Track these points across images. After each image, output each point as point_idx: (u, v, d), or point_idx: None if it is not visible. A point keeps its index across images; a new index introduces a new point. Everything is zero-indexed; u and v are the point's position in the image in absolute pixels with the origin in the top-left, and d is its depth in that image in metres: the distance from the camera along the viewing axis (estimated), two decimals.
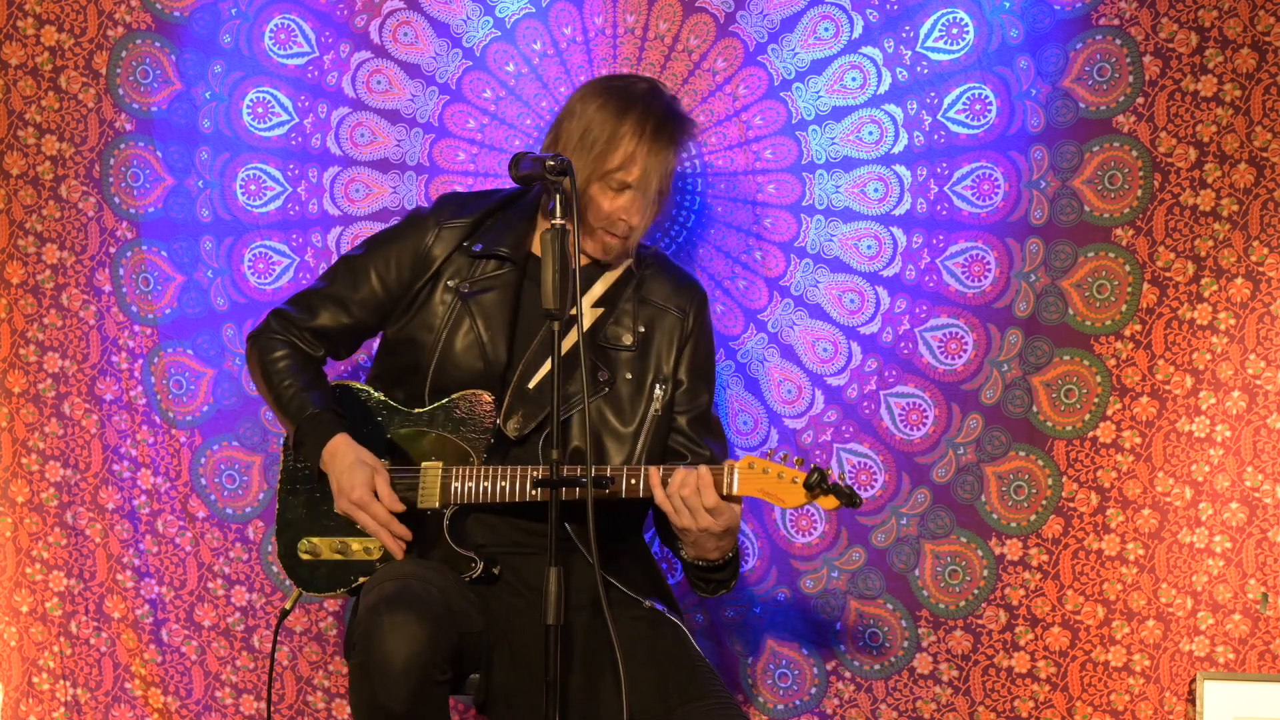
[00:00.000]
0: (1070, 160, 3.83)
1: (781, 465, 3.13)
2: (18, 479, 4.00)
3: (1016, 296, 3.86)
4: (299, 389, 3.35)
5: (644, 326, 3.41)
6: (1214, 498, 3.82)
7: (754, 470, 3.14)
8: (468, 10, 3.96)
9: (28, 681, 4.01)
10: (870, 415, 3.91)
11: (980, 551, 3.88)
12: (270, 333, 3.43)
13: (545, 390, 3.30)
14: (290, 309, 3.45)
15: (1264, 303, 3.80)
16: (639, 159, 3.29)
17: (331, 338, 3.45)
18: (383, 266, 3.42)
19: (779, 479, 3.13)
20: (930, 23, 3.87)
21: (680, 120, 3.37)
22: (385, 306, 3.42)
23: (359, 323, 3.44)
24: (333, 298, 3.43)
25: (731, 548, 3.24)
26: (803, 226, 3.93)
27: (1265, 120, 3.79)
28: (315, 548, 3.34)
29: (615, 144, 3.29)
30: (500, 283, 3.38)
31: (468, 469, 3.26)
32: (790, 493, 3.13)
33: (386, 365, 3.43)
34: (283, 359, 3.39)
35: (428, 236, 3.41)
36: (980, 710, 3.89)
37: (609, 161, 3.28)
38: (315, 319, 3.43)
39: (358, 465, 3.25)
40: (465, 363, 3.34)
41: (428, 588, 3.08)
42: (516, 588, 3.28)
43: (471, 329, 3.35)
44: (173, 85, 3.98)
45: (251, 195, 4.00)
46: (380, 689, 2.96)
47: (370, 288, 3.42)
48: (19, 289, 4.00)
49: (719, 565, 3.26)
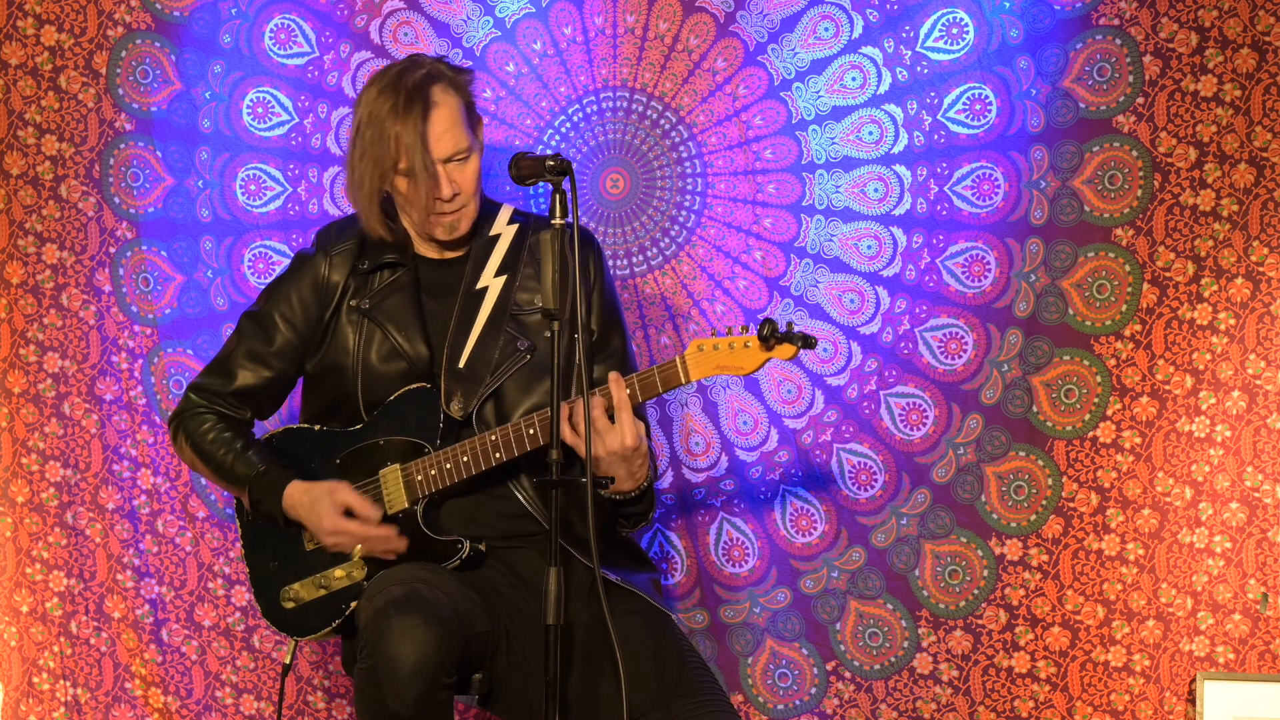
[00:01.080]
0: (1070, 160, 3.83)
1: (729, 337, 3.14)
2: (18, 479, 4.00)
3: (1016, 296, 3.86)
4: (237, 453, 3.36)
5: None
6: (1214, 498, 3.82)
7: (703, 352, 3.15)
8: (468, 10, 3.96)
9: (28, 681, 4.01)
10: (870, 415, 3.91)
11: (980, 551, 3.88)
12: (194, 409, 3.43)
13: (476, 365, 3.31)
14: (206, 380, 3.46)
15: (1264, 303, 3.80)
16: (407, 142, 3.23)
17: (255, 396, 3.44)
18: (287, 310, 3.42)
19: (730, 349, 3.14)
20: (930, 23, 3.87)
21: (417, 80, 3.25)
22: (300, 349, 3.42)
23: (280, 373, 3.44)
24: (248, 355, 3.43)
25: (645, 474, 3.24)
26: (803, 226, 3.93)
27: (1265, 120, 3.79)
28: (297, 593, 3.34)
29: (387, 142, 3.25)
30: (396, 286, 3.40)
31: (425, 460, 3.27)
32: (747, 357, 3.13)
33: (315, 401, 3.44)
34: (210, 429, 3.40)
35: (321, 268, 3.41)
36: (980, 710, 3.89)
37: (396, 161, 3.26)
38: (235, 381, 3.43)
39: (318, 500, 3.26)
40: (389, 370, 3.35)
41: (434, 591, 3.08)
42: (513, 583, 3.28)
43: (385, 338, 3.36)
44: (173, 85, 3.98)
45: (251, 195, 4.00)
46: (388, 693, 2.96)
47: (282, 334, 3.41)
48: (19, 289, 4.00)
49: (635, 497, 3.26)
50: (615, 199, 3.97)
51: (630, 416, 3.15)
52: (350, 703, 3.99)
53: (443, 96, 3.29)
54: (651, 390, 3.19)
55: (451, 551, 3.26)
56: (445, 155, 3.29)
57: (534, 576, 3.17)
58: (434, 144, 3.26)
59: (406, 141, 3.24)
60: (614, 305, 3.48)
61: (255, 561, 3.40)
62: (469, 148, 3.31)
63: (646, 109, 3.95)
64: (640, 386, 3.19)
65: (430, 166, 3.26)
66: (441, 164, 3.28)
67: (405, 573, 3.18)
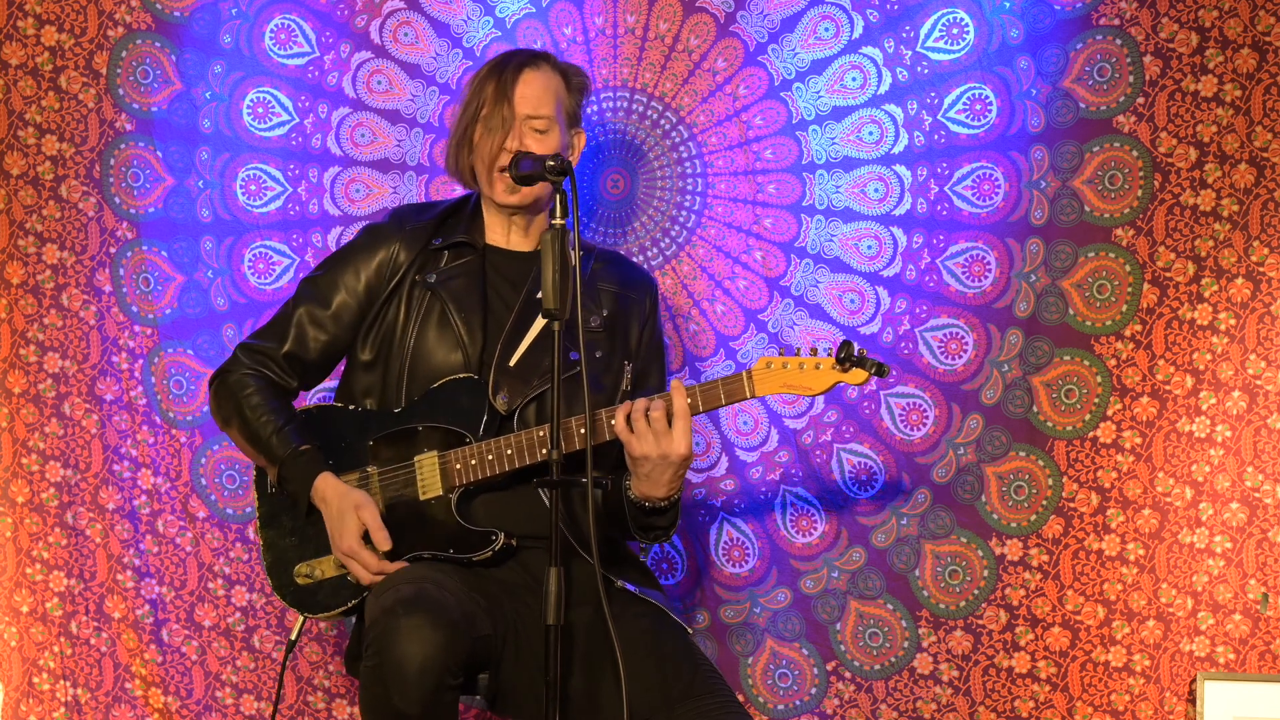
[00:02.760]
0: (1070, 160, 3.83)
1: (799, 356, 3.14)
2: (18, 479, 4.00)
3: (1017, 297, 3.86)
4: (276, 427, 3.32)
5: (608, 309, 3.43)
6: (1214, 498, 3.82)
7: (771, 369, 3.15)
8: (468, 10, 3.96)
9: (28, 681, 4.01)
10: (870, 415, 3.91)
11: (980, 552, 3.88)
12: (241, 368, 3.39)
13: (527, 367, 3.31)
14: (258, 341, 3.43)
15: (1264, 303, 3.80)
16: (492, 94, 3.33)
17: (305, 361, 3.41)
18: (351, 279, 3.40)
19: (800, 369, 3.14)
20: (930, 23, 3.87)
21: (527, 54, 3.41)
22: (357, 318, 3.40)
23: (334, 339, 3.41)
24: (304, 318, 3.41)
25: (679, 488, 3.24)
26: (803, 226, 3.93)
27: (1265, 120, 3.79)
28: (313, 569, 3.32)
29: (478, 91, 3.36)
30: (465, 270, 3.40)
31: (467, 449, 3.26)
32: (816, 378, 3.13)
33: (356, 380, 3.42)
34: (256, 394, 3.36)
35: (392, 245, 3.41)
36: (980, 710, 3.89)
37: (480, 107, 3.34)
38: (287, 344, 3.40)
39: (345, 514, 3.24)
40: (441, 353, 3.35)
41: (443, 592, 3.07)
42: (526, 584, 3.27)
43: (445, 316, 3.35)
44: (173, 85, 3.98)
45: (252, 195, 4.00)
46: (394, 692, 2.96)
47: (342, 299, 3.40)
48: (19, 289, 4.00)
49: (663, 508, 3.25)
50: (615, 199, 3.97)
51: (687, 425, 3.15)
52: (350, 702, 3.99)
53: (543, 66, 3.39)
54: (714, 402, 3.20)
55: (484, 543, 3.24)
56: (525, 113, 3.34)
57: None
58: (517, 98, 3.34)
59: (490, 90, 3.34)
60: (659, 346, 3.51)
61: (270, 535, 3.37)
62: (551, 118, 3.36)
63: (647, 109, 3.95)
64: (703, 398, 3.19)
65: (506, 115, 3.33)
66: (519, 120, 3.34)
67: (414, 571, 3.17)
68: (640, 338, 3.46)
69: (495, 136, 3.33)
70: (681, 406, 3.15)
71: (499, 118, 3.32)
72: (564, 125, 3.38)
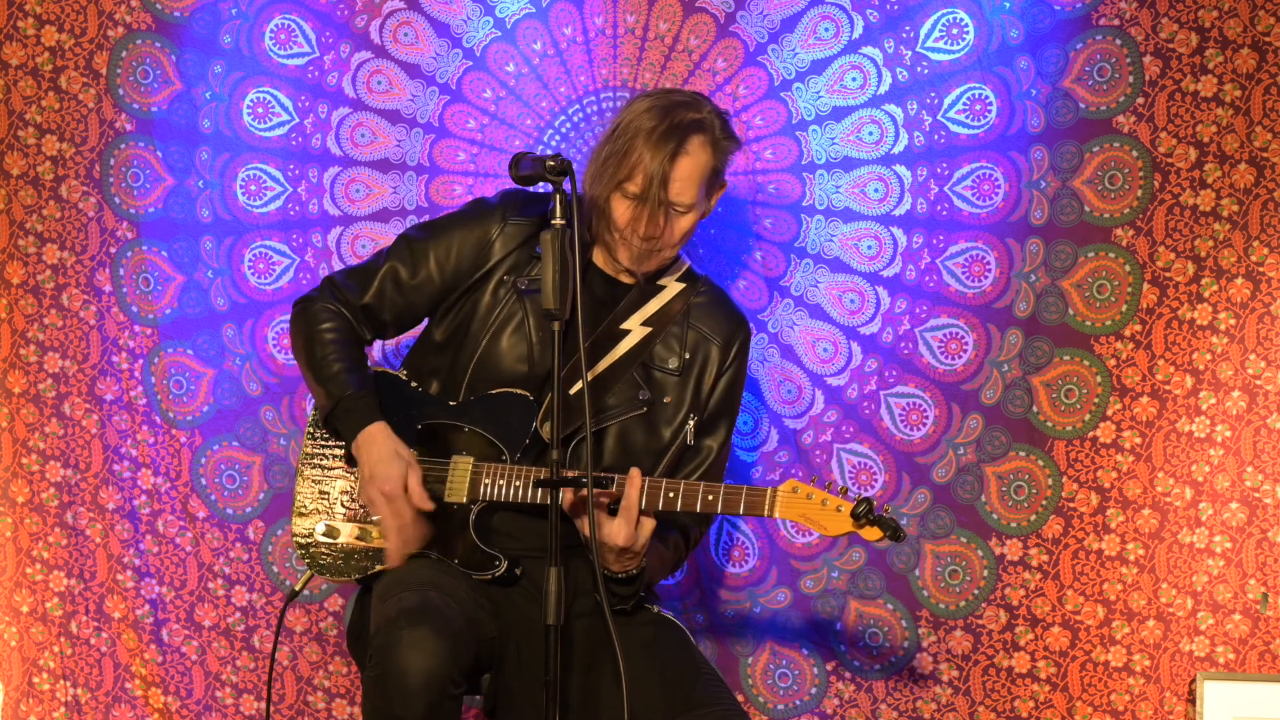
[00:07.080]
0: (1070, 160, 3.84)
1: (825, 492, 3.11)
2: (18, 479, 4.00)
3: (1017, 297, 3.86)
4: (342, 367, 3.29)
5: (689, 353, 3.38)
6: (1214, 498, 3.82)
7: (796, 495, 3.12)
8: (468, 10, 3.96)
9: (28, 681, 4.01)
10: (870, 415, 3.91)
11: (980, 551, 3.89)
12: (323, 301, 3.36)
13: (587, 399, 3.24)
14: (345, 281, 3.39)
15: (1264, 303, 3.81)
16: (646, 170, 3.23)
17: (380, 317, 3.38)
18: (443, 253, 3.36)
19: (822, 506, 3.11)
20: (930, 23, 3.87)
21: (688, 128, 3.25)
22: (439, 293, 3.36)
23: (411, 306, 3.38)
24: (389, 277, 3.36)
25: (635, 568, 3.18)
26: (803, 226, 3.93)
27: (1265, 120, 3.79)
28: (334, 531, 3.30)
29: (630, 160, 3.24)
30: None
31: (499, 467, 3.23)
32: (833, 520, 3.11)
33: (425, 356, 3.39)
34: (330, 331, 3.33)
35: (492, 230, 3.36)
36: (980, 710, 3.89)
37: (629, 179, 3.25)
38: (367, 295, 3.36)
39: (394, 458, 3.21)
40: (509, 360, 3.31)
41: (446, 599, 3.06)
42: (532, 594, 3.26)
43: (523, 325, 3.31)
44: (173, 85, 3.98)
45: (252, 195, 4.00)
46: (397, 703, 2.95)
47: (428, 271, 3.36)
48: (19, 289, 4.00)
49: (621, 578, 3.20)
50: None
51: (629, 518, 3.10)
52: (350, 702, 3.99)
53: (698, 149, 3.26)
54: (732, 509, 3.15)
55: (487, 565, 3.23)
56: (670, 200, 3.25)
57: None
58: (671, 194, 3.25)
59: (646, 170, 3.21)
60: (731, 398, 3.43)
61: (304, 486, 3.34)
62: (692, 205, 3.28)
63: None
64: (723, 502, 3.14)
65: (655, 201, 3.23)
66: (663, 206, 3.25)
67: (421, 575, 3.16)
68: (713, 387, 3.39)
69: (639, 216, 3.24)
70: (631, 500, 3.11)
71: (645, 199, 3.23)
72: (705, 198, 3.32)
